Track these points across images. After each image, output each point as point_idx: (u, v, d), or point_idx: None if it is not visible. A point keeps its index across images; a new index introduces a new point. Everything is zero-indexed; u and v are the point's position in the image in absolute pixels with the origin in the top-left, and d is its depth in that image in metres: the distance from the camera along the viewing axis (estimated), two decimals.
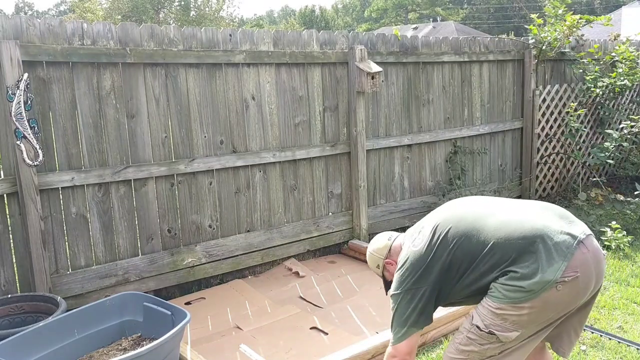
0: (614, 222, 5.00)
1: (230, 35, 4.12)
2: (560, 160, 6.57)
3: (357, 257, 4.78)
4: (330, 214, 4.91)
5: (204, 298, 4.03)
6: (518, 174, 6.42)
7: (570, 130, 6.23)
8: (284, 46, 4.40)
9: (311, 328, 3.52)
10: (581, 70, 6.38)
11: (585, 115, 6.58)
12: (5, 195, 3.34)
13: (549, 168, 6.48)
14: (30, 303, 3.23)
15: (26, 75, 3.25)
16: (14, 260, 3.44)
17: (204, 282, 4.24)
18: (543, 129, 6.30)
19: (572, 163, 6.65)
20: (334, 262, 4.81)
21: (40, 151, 3.34)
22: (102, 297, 3.53)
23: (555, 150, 6.47)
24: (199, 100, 4.05)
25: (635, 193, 5.69)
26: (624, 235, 4.83)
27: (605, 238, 4.83)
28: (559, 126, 6.42)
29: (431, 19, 51.27)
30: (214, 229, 4.23)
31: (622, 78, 6.19)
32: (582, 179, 6.82)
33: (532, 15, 6.36)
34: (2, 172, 3.36)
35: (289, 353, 3.22)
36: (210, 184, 4.18)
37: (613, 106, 6.88)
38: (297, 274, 4.45)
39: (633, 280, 4.18)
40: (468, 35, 9.39)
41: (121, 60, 3.65)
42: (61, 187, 3.52)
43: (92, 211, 3.67)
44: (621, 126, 6.29)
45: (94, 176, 3.62)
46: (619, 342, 3.25)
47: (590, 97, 6.46)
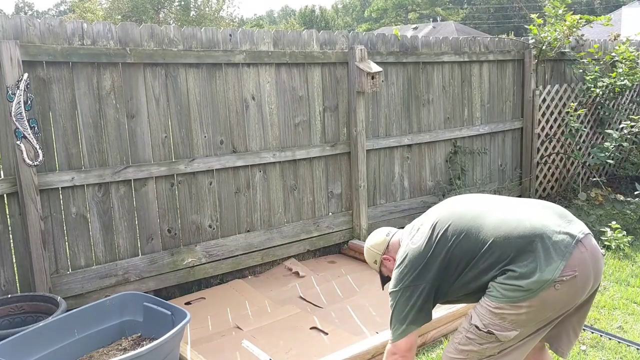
0: (614, 222, 5.01)
1: (230, 35, 4.13)
2: (560, 160, 6.57)
3: (357, 257, 4.78)
4: (330, 214, 4.92)
5: (204, 298, 4.03)
6: (518, 174, 6.42)
7: (570, 130, 6.23)
8: (284, 46, 4.40)
9: (311, 328, 3.52)
10: (581, 70, 6.38)
11: (585, 115, 6.59)
12: (5, 195, 3.34)
13: (549, 168, 6.48)
14: (30, 303, 3.23)
15: (26, 75, 3.25)
16: (14, 260, 3.44)
17: (204, 282, 4.24)
18: (543, 129, 6.30)
19: (572, 163, 6.65)
20: (334, 262, 4.81)
21: (40, 151, 3.34)
22: (102, 297, 3.53)
23: (555, 150, 6.47)
24: (199, 100, 4.05)
25: (635, 193, 5.69)
26: (624, 235, 4.83)
27: (605, 238, 4.84)
28: (559, 126, 6.42)
29: (431, 19, 51.28)
30: (214, 229, 4.23)
31: (622, 78, 6.20)
32: (582, 179, 6.82)
33: (532, 15, 6.36)
34: (2, 172, 3.36)
35: (289, 353, 3.22)
36: (210, 184, 4.18)
37: (613, 106, 6.88)
38: (297, 274, 4.45)
39: (633, 280, 4.18)
40: (468, 35, 9.38)
41: (121, 60, 3.65)
42: (61, 187, 3.53)
43: (92, 211, 3.67)
44: (621, 126, 6.29)
45: (94, 176, 3.62)
46: (619, 342, 3.25)
47: (590, 97, 6.46)
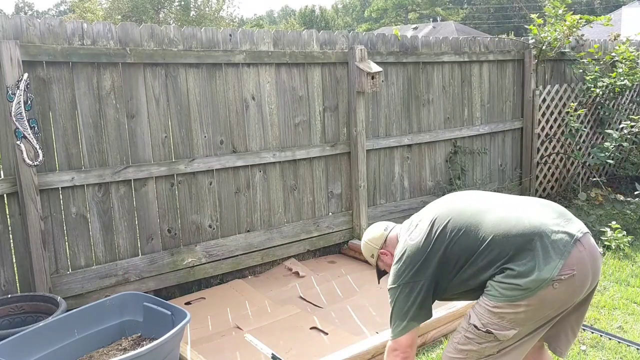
0: (614, 222, 5.00)
1: (230, 35, 4.13)
2: (560, 160, 6.57)
3: (357, 257, 4.78)
4: (330, 214, 4.92)
5: (204, 298, 4.03)
6: (518, 174, 6.42)
7: (570, 130, 6.23)
8: (284, 46, 4.40)
9: (311, 328, 3.52)
10: (581, 70, 6.38)
11: (585, 115, 6.59)
12: (5, 195, 3.34)
13: (549, 168, 6.48)
14: (30, 303, 3.22)
15: (26, 75, 3.25)
16: (14, 260, 3.44)
17: (204, 282, 4.24)
18: (543, 129, 6.30)
19: (572, 163, 6.65)
20: (334, 262, 4.81)
21: (40, 151, 3.34)
22: (102, 297, 3.53)
23: (555, 150, 6.47)
24: (199, 100, 4.05)
25: (635, 193, 5.69)
26: (624, 235, 4.83)
27: (605, 238, 4.83)
28: (559, 126, 6.42)
29: (431, 19, 51.28)
30: (214, 229, 4.23)
31: (622, 78, 6.20)
32: (582, 179, 6.82)
33: (532, 15, 6.37)
34: (2, 172, 3.36)
35: (289, 353, 3.22)
36: (210, 184, 4.18)
37: (613, 106, 6.88)
38: (297, 274, 4.45)
39: (633, 280, 4.18)
40: (468, 35, 9.38)
41: (121, 60, 3.65)
42: (61, 187, 3.53)
43: (92, 211, 3.67)
44: (621, 126, 6.29)
45: (94, 176, 3.62)
46: (619, 342, 3.25)
47: (590, 97, 6.46)
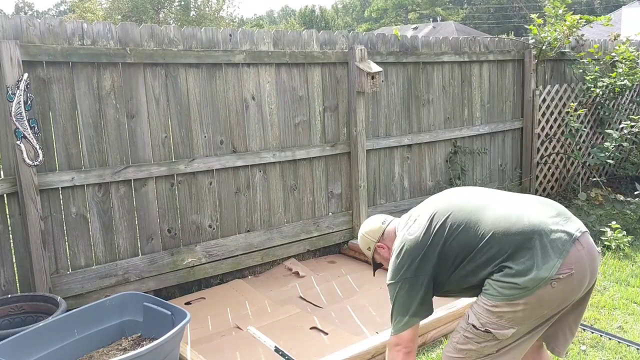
0: (614, 222, 5.01)
1: (230, 35, 4.13)
2: (560, 160, 6.57)
3: (357, 257, 4.78)
4: (330, 214, 4.92)
5: (204, 298, 4.03)
6: (518, 174, 6.42)
7: (570, 130, 6.23)
8: (284, 46, 4.40)
9: (311, 328, 3.52)
10: (581, 70, 6.38)
11: (585, 115, 6.59)
12: (5, 195, 3.34)
13: (549, 168, 6.48)
14: (30, 303, 3.22)
15: (26, 75, 3.25)
16: (14, 260, 3.44)
17: (204, 282, 4.24)
18: (543, 129, 6.30)
19: (572, 163, 6.65)
20: (334, 262, 4.81)
21: (40, 151, 3.34)
22: (102, 297, 3.53)
23: (555, 150, 6.47)
24: (199, 100, 4.05)
25: (635, 193, 5.69)
26: (624, 235, 4.83)
27: (605, 238, 4.84)
28: (559, 126, 6.42)
29: (431, 19, 51.28)
30: (214, 229, 4.23)
31: (622, 78, 6.20)
32: (582, 179, 6.82)
33: (532, 15, 6.37)
34: (2, 172, 3.36)
35: (289, 353, 3.22)
36: (210, 184, 4.18)
37: (613, 106, 6.88)
38: (297, 274, 4.45)
39: (633, 280, 4.18)
40: (468, 35, 9.38)
41: (121, 60, 3.65)
42: (61, 187, 3.53)
43: (92, 211, 3.67)
44: (621, 126, 6.30)
45: (94, 176, 3.62)
46: (619, 342, 3.25)
47: (590, 97, 6.46)
